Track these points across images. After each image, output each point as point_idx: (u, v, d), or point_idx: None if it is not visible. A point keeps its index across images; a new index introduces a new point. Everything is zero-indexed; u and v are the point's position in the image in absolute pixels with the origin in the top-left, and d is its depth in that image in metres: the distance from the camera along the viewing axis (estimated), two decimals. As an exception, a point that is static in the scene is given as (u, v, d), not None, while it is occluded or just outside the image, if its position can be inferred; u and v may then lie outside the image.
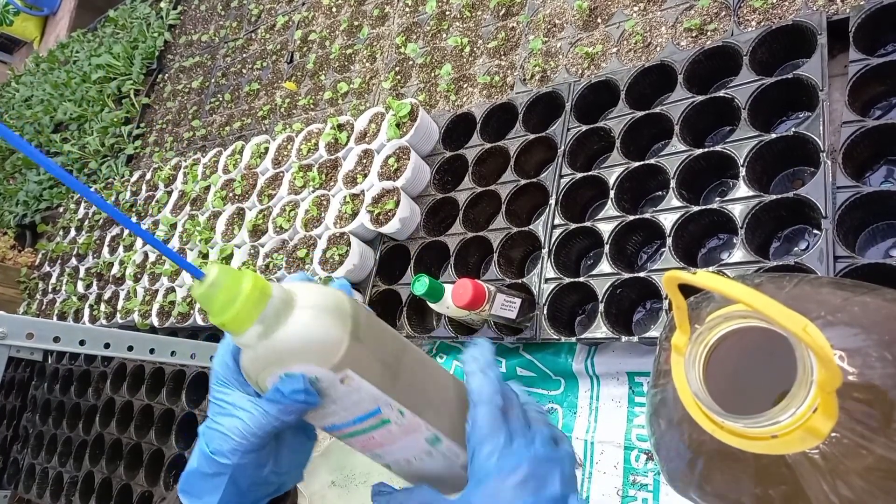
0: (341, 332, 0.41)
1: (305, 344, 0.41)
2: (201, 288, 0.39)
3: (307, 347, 0.41)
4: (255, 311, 0.39)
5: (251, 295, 0.39)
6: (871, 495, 0.37)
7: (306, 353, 0.41)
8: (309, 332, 0.41)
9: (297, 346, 0.41)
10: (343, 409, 0.44)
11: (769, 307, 0.35)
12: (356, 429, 0.46)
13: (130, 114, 2.40)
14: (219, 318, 0.40)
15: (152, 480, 1.49)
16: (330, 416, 0.45)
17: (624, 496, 0.90)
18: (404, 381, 0.46)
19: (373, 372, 0.43)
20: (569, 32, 1.22)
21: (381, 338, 0.45)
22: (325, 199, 1.38)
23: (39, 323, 0.96)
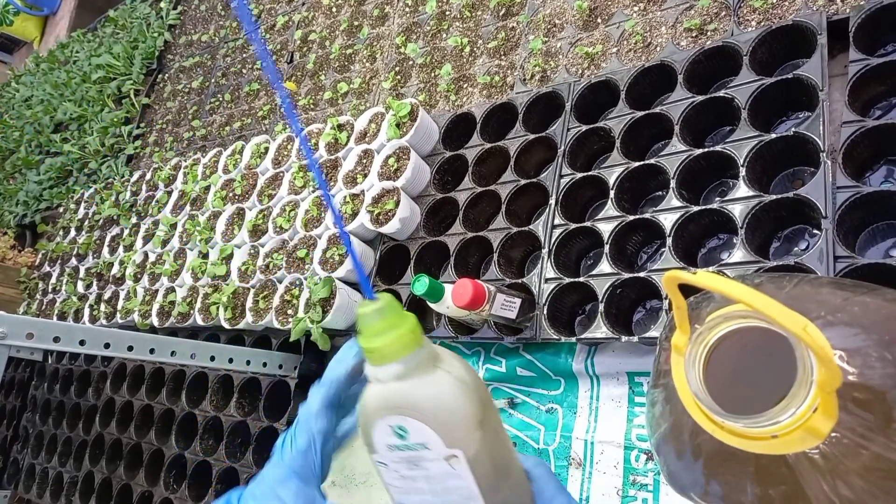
0: (471, 413, 0.41)
1: (435, 405, 0.41)
2: (367, 308, 0.40)
3: (435, 409, 0.41)
4: (404, 350, 0.40)
5: (407, 334, 0.40)
6: (871, 495, 0.37)
7: (431, 414, 0.40)
8: (443, 396, 0.41)
9: (426, 403, 0.40)
10: (431, 490, 0.43)
11: (769, 307, 0.35)
12: None
13: (130, 114, 2.40)
14: (369, 343, 0.40)
15: (152, 480, 1.49)
16: (414, 491, 0.44)
17: (624, 496, 0.90)
18: (504, 491, 0.45)
19: (481, 466, 0.42)
20: (569, 32, 1.22)
21: (499, 438, 0.45)
22: (325, 199, 1.38)
23: (39, 323, 0.96)
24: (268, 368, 1.28)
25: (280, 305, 1.31)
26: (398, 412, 0.41)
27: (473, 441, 0.41)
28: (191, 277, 1.56)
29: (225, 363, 1.20)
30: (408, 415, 0.41)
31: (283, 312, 1.31)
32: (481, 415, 0.42)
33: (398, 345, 0.40)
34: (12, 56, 5.11)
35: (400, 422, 0.41)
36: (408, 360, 0.40)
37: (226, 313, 1.40)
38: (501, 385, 1.09)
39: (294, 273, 1.32)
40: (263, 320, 1.33)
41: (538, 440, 1.00)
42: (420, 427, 0.41)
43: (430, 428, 0.41)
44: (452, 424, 0.41)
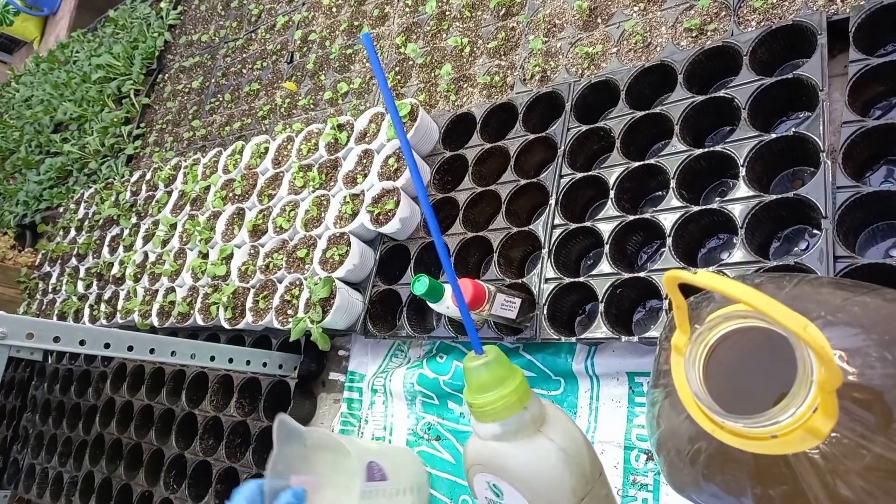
0: (569, 487, 0.38)
1: (531, 474, 0.38)
2: (475, 362, 0.39)
3: (530, 478, 0.38)
4: (506, 412, 0.38)
5: (511, 395, 0.38)
6: (870, 495, 0.37)
7: (526, 482, 0.38)
8: (540, 466, 0.38)
9: (521, 470, 0.38)
10: None
11: (770, 307, 0.35)
12: None
13: (130, 114, 2.40)
14: (471, 397, 0.39)
15: (152, 480, 1.49)
16: None
17: (624, 496, 0.90)
18: None
19: None
20: (569, 32, 1.22)
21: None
22: (325, 199, 1.38)
23: (39, 323, 0.96)
24: (268, 368, 1.28)
25: (280, 305, 1.31)
26: (493, 472, 0.40)
27: None
28: (191, 277, 1.56)
29: (225, 363, 1.20)
30: (502, 478, 0.39)
31: (283, 312, 1.31)
32: (581, 490, 0.39)
33: (500, 406, 0.38)
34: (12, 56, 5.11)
35: (495, 481, 0.40)
36: (508, 423, 0.38)
37: (226, 313, 1.40)
38: (501, 385, 1.09)
39: (294, 273, 1.32)
40: (263, 320, 1.33)
41: (538, 440, 1.00)
42: (514, 493, 0.39)
43: (523, 496, 0.39)
44: (547, 497, 0.38)
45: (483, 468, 0.39)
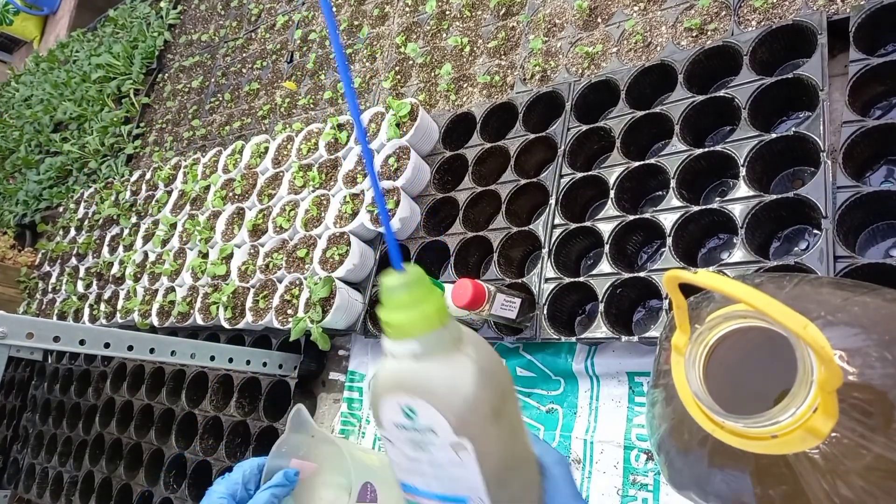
0: (486, 403, 0.39)
1: (449, 390, 0.38)
2: (393, 279, 0.38)
3: (447, 395, 0.38)
4: (424, 328, 0.38)
5: (431, 312, 0.38)
6: (871, 495, 0.37)
7: (443, 399, 0.38)
8: (458, 382, 0.38)
9: (439, 388, 0.38)
10: (435, 476, 0.41)
11: (770, 306, 0.35)
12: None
13: (130, 113, 2.40)
14: (389, 315, 0.38)
15: (152, 480, 1.49)
16: (416, 473, 0.42)
17: (624, 496, 0.90)
18: (510, 487, 0.42)
19: (489, 459, 0.40)
20: (569, 32, 1.22)
21: (515, 434, 0.43)
22: (325, 198, 1.38)
23: (39, 323, 0.96)
24: (268, 368, 1.28)
25: (280, 305, 1.31)
26: (409, 392, 0.39)
27: (485, 433, 0.39)
28: (191, 277, 1.56)
29: (225, 363, 1.20)
30: (419, 396, 0.39)
31: (283, 312, 1.31)
32: (498, 406, 0.39)
33: (419, 322, 0.37)
34: (12, 56, 5.11)
35: (410, 402, 0.39)
36: (427, 340, 0.37)
37: (226, 313, 1.40)
38: (501, 385, 1.09)
39: (294, 273, 1.32)
40: (263, 320, 1.32)
41: (538, 440, 1.00)
42: (430, 411, 0.38)
43: (441, 413, 0.38)
44: (464, 413, 0.38)
45: (398, 389, 0.39)
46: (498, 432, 0.40)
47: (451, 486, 0.41)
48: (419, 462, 0.41)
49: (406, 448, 0.41)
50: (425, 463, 0.41)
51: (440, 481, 0.41)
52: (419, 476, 0.42)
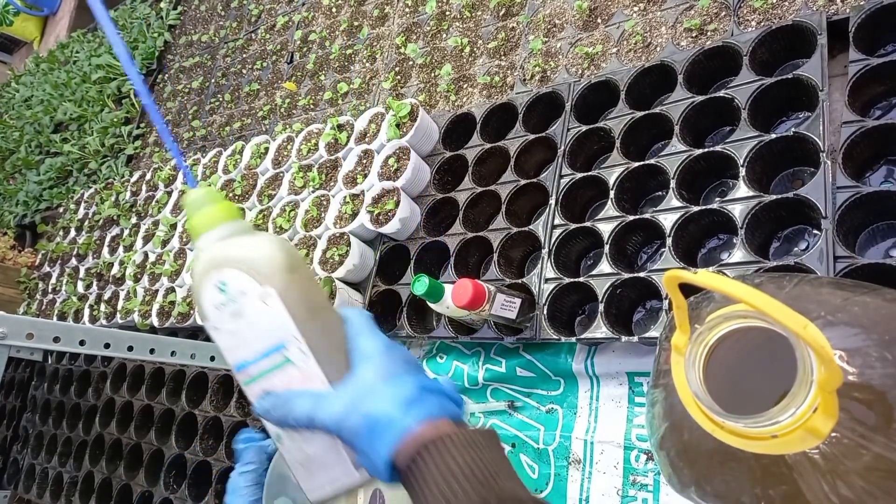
0: (281, 257, 0.50)
1: (248, 252, 0.49)
2: (192, 193, 0.51)
3: (248, 255, 0.49)
4: (224, 218, 0.50)
5: (225, 207, 0.51)
6: (870, 495, 0.37)
7: (245, 261, 0.49)
8: (255, 247, 0.50)
9: (241, 252, 0.49)
10: (256, 337, 0.51)
11: (770, 306, 0.35)
12: (261, 367, 0.51)
13: (130, 114, 2.40)
14: (192, 218, 0.51)
15: (152, 480, 1.49)
16: (242, 346, 0.51)
17: (624, 496, 0.90)
18: (317, 325, 0.52)
19: (292, 301, 0.50)
20: (569, 32, 1.22)
21: (310, 283, 0.53)
22: (325, 199, 1.38)
23: (39, 323, 0.96)
24: (268, 368, 1.28)
25: (280, 305, 1.31)
26: (218, 266, 0.49)
27: (284, 281, 0.49)
28: (191, 277, 1.55)
29: (225, 363, 1.20)
30: (226, 266, 0.49)
31: (283, 312, 1.30)
32: (292, 263, 0.50)
33: (218, 214, 0.50)
34: (12, 56, 5.11)
35: (220, 276, 0.50)
36: (227, 227, 0.50)
37: (226, 313, 1.40)
38: (501, 386, 1.09)
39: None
40: (263, 320, 1.32)
41: (538, 440, 1.00)
42: (237, 274, 0.49)
43: (245, 272, 0.49)
44: (264, 267, 0.49)
45: (210, 268, 0.50)
46: (296, 282, 0.51)
47: (270, 338, 0.51)
48: (241, 332, 0.51)
49: (228, 324, 0.51)
50: (245, 328, 0.51)
51: (260, 339, 0.51)
52: (245, 347, 0.51)
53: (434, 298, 0.95)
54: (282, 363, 0.51)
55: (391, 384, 0.51)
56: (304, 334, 0.50)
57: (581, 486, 0.94)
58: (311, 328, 0.51)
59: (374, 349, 0.53)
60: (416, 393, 0.51)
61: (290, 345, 0.51)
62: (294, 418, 0.51)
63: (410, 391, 0.50)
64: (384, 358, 0.53)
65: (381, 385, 0.51)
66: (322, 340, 0.52)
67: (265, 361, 0.51)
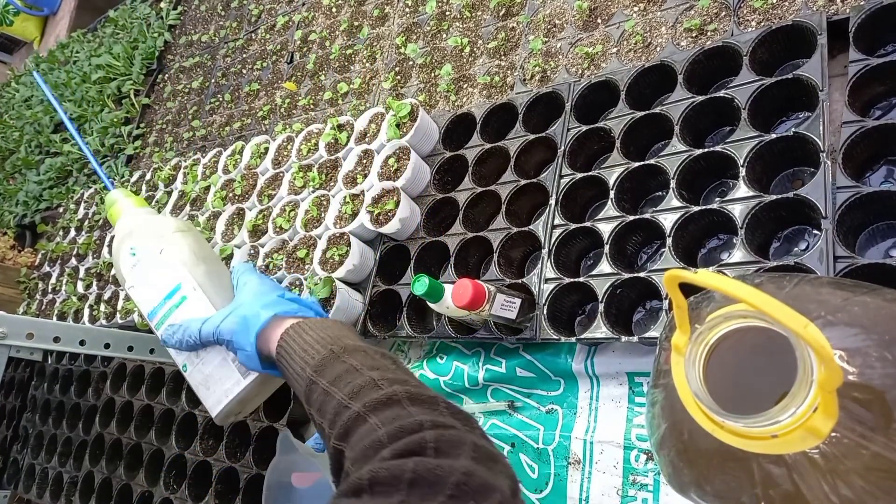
0: (171, 223, 0.73)
1: (147, 222, 0.74)
2: (111, 194, 0.82)
3: (147, 224, 0.74)
4: (133, 205, 0.79)
5: (135, 200, 0.82)
6: (871, 495, 0.37)
7: (146, 227, 0.73)
8: (153, 219, 0.75)
9: (143, 224, 0.74)
10: (159, 283, 0.69)
11: (770, 306, 0.35)
12: (166, 308, 0.68)
13: (130, 114, 2.40)
14: (110, 210, 0.79)
15: (152, 480, 1.49)
16: (150, 296, 0.70)
17: (624, 496, 0.90)
18: (204, 269, 0.71)
19: (182, 252, 0.70)
20: (569, 33, 1.22)
21: (196, 241, 0.74)
22: (325, 199, 1.38)
23: (39, 323, 0.96)
24: (268, 368, 1.28)
25: (280, 305, 1.31)
26: (128, 235, 0.73)
27: (175, 237, 0.71)
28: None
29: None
30: (133, 233, 0.73)
31: (283, 312, 1.30)
32: (180, 225, 0.74)
33: (128, 204, 0.79)
34: (12, 56, 5.11)
35: (130, 243, 0.72)
36: (135, 211, 0.78)
37: (226, 313, 1.40)
38: (501, 386, 1.09)
39: (294, 273, 1.32)
40: (263, 320, 1.32)
41: (537, 440, 1.00)
42: (141, 238, 0.72)
43: (146, 235, 0.71)
44: (159, 228, 0.73)
45: (124, 236, 0.75)
46: (185, 238, 0.72)
47: (169, 281, 0.69)
48: (149, 283, 0.70)
49: (140, 280, 0.71)
50: (151, 279, 0.70)
51: (163, 283, 0.69)
52: (153, 295, 0.70)
53: (434, 298, 0.95)
54: (180, 301, 0.68)
55: (259, 296, 0.69)
56: (194, 274, 0.70)
57: (581, 486, 0.94)
58: (199, 271, 0.70)
59: (249, 281, 0.72)
60: (276, 299, 0.69)
61: (185, 284, 0.69)
62: (189, 335, 0.67)
63: (273, 299, 0.69)
64: (256, 284, 0.72)
65: (251, 298, 0.69)
66: (209, 280, 0.71)
67: (168, 303, 0.69)
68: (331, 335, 0.61)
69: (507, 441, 1.03)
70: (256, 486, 1.27)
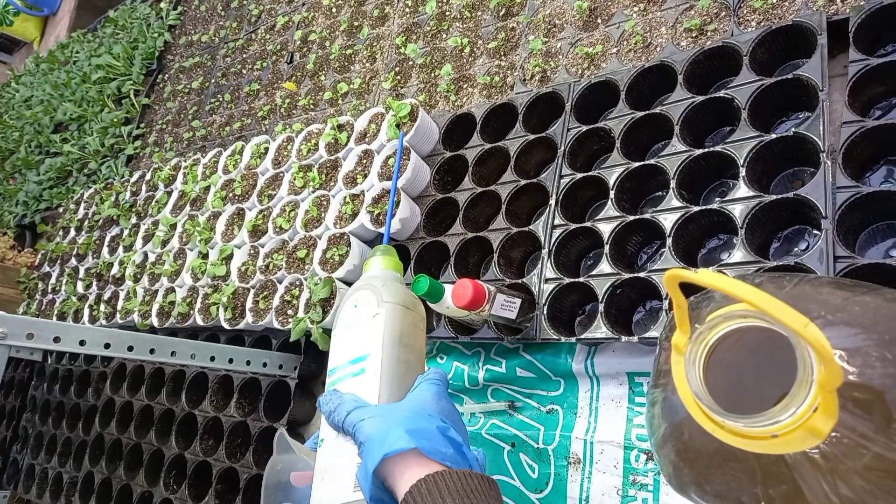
0: (403, 296, 0.69)
1: (383, 285, 0.69)
2: (382, 247, 0.81)
3: (381, 286, 0.68)
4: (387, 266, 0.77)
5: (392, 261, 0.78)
6: (871, 495, 0.37)
7: (378, 288, 0.68)
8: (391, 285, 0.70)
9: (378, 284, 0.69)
10: (354, 344, 0.64)
11: (771, 305, 0.35)
12: (345, 372, 0.63)
13: (130, 114, 2.40)
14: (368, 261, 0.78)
15: (152, 481, 1.49)
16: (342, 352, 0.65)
17: (624, 496, 0.90)
18: (398, 354, 0.64)
19: (391, 327, 0.64)
20: (569, 33, 1.22)
21: (413, 327, 0.69)
22: (325, 199, 1.38)
23: (39, 323, 0.96)
24: (268, 369, 1.28)
25: (280, 306, 1.31)
26: (361, 287, 0.70)
27: (394, 309, 0.66)
28: (190, 278, 1.56)
29: (225, 363, 1.20)
30: (364, 288, 0.69)
31: (283, 313, 1.31)
32: (410, 303, 0.69)
33: (384, 262, 0.76)
34: (12, 56, 5.11)
35: (357, 296, 0.69)
36: (385, 272, 0.75)
37: (226, 313, 1.40)
38: (502, 386, 1.09)
39: (294, 273, 1.32)
40: (263, 320, 1.33)
41: (537, 439, 1.00)
42: (368, 295, 0.68)
43: (373, 293, 0.67)
44: (387, 294, 0.67)
45: (358, 287, 0.71)
46: (403, 316, 0.66)
47: (361, 347, 0.63)
48: (348, 339, 0.66)
49: (344, 333, 0.67)
50: (352, 337, 0.65)
51: (356, 346, 0.64)
52: (343, 353, 0.65)
53: (434, 298, 0.95)
54: (358, 372, 0.61)
55: (415, 415, 0.55)
56: (385, 353, 0.62)
57: (581, 486, 0.94)
58: (392, 353, 0.62)
59: (425, 392, 0.60)
60: (431, 430, 0.54)
61: (371, 357, 0.62)
62: (336, 414, 0.58)
63: (428, 427, 0.54)
64: (427, 399, 0.58)
65: (407, 412, 0.56)
66: (395, 368, 0.62)
67: (349, 367, 0.62)
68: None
69: (508, 441, 1.03)
70: (256, 486, 1.27)
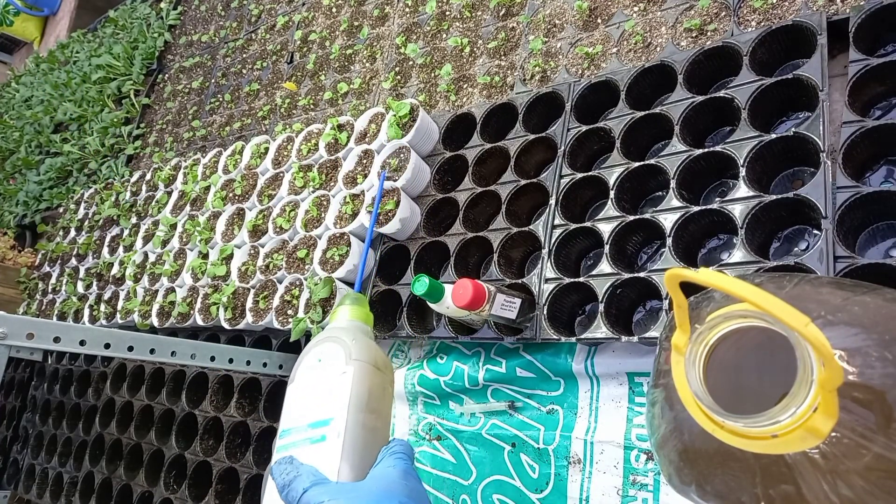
0: (374, 355, 0.61)
1: (352, 340, 0.62)
2: (353, 294, 0.72)
3: (351, 342, 0.62)
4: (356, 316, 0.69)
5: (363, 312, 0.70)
6: (871, 495, 0.37)
7: (347, 343, 0.61)
8: (360, 340, 0.63)
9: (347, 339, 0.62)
10: (315, 404, 0.57)
11: (771, 304, 0.35)
12: (302, 436, 0.56)
13: (130, 114, 2.40)
14: (336, 309, 0.71)
15: (152, 481, 1.49)
16: (299, 411, 0.58)
17: (624, 496, 0.90)
18: (363, 420, 0.57)
19: (359, 389, 0.58)
20: (569, 33, 1.22)
21: (382, 390, 0.62)
22: (325, 199, 1.38)
23: (39, 323, 0.96)
24: (268, 368, 1.28)
25: (280, 306, 1.31)
26: (326, 339, 0.62)
27: (364, 369, 0.59)
28: (191, 278, 1.56)
29: (225, 363, 1.20)
30: (331, 340, 0.62)
31: (284, 313, 1.31)
32: (381, 363, 0.62)
33: (353, 312, 0.69)
34: (12, 56, 5.11)
35: (322, 348, 0.61)
36: (354, 323, 0.68)
37: (226, 313, 1.40)
38: (502, 386, 1.09)
39: (294, 273, 1.32)
40: (263, 320, 1.32)
41: (538, 439, 1.00)
42: (335, 348, 0.61)
43: (342, 348, 0.60)
44: (356, 352, 0.60)
45: (323, 339, 0.63)
46: (373, 377, 0.59)
47: (325, 409, 0.57)
48: (309, 397, 0.58)
49: (304, 388, 0.59)
50: (314, 395, 0.58)
51: (318, 407, 0.57)
52: (300, 413, 0.58)
53: (434, 298, 0.95)
54: (318, 439, 0.55)
55: (380, 500, 0.50)
56: (350, 418, 0.56)
57: (581, 486, 0.94)
58: (357, 419, 0.56)
59: (392, 470, 0.54)
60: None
61: (334, 422, 0.56)
62: (292, 489, 0.52)
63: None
64: (394, 478, 0.53)
65: (370, 495, 0.51)
66: (359, 437, 0.56)
67: (308, 432, 0.56)
68: None
69: (508, 441, 1.03)
70: (256, 485, 1.27)
